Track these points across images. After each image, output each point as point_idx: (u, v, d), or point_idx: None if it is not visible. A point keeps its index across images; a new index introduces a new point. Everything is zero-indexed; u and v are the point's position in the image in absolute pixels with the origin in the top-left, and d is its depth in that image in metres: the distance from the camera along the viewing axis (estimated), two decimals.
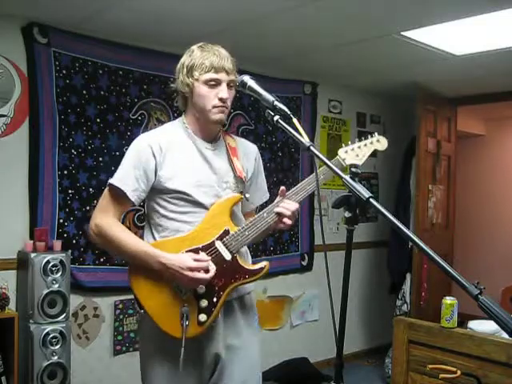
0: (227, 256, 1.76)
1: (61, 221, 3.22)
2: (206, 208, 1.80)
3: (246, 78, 1.70)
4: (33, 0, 2.80)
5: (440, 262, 1.04)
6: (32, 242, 3.03)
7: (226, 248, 1.76)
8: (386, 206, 1.11)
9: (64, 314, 2.91)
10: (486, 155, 6.50)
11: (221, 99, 1.77)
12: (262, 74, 3.76)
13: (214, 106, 1.78)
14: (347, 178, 1.25)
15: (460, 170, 5.38)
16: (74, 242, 3.27)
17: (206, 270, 1.70)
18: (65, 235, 3.23)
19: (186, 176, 1.79)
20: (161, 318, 1.73)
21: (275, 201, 1.82)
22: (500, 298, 5.65)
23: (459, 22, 3.00)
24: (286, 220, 1.78)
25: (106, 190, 1.81)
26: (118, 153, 3.44)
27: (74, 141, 3.27)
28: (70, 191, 3.26)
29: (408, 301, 4.49)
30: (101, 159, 3.37)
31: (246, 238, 1.77)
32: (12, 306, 2.98)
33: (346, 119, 4.87)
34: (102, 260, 3.37)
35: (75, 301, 3.25)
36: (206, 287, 1.73)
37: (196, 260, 1.69)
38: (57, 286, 2.87)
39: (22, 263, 3.00)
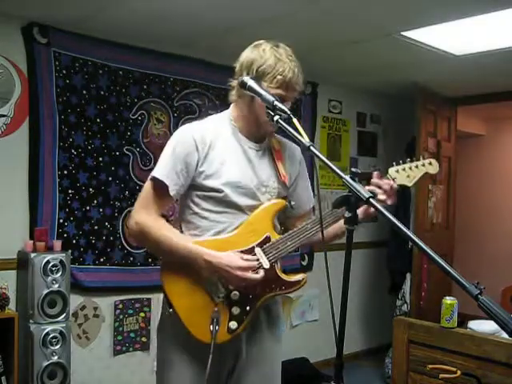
0: (266, 264, 1.68)
1: (61, 221, 3.22)
2: (241, 210, 1.73)
3: (246, 78, 1.67)
4: (33, 0, 2.80)
5: (440, 262, 1.04)
6: (32, 242, 3.03)
7: (266, 256, 1.70)
8: (386, 206, 1.11)
9: (64, 314, 2.91)
10: (486, 155, 6.50)
11: None
12: None
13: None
14: (347, 178, 1.25)
15: (460, 170, 5.38)
16: (74, 241, 3.27)
17: (255, 271, 1.64)
18: (65, 235, 3.23)
19: (226, 175, 1.71)
20: (190, 320, 1.67)
21: (323, 212, 1.69)
22: (500, 298, 5.65)
23: (459, 22, 3.00)
24: (385, 196, 1.69)
25: (148, 184, 1.72)
26: (118, 153, 3.44)
27: (74, 141, 3.27)
28: (70, 191, 3.26)
29: (408, 301, 4.49)
30: (101, 159, 3.38)
31: (286, 248, 1.71)
32: (12, 306, 2.98)
33: (345, 119, 4.87)
34: (101, 260, 3.37)
35: (75, 301, 3.25)
36: (240, 294, 1.68)
37: (245, 260, 1.64)
38: (57, 286, 2.87)
39: (22, 263, 3.00)
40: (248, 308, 1.69)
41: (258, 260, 1.68)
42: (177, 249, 1.65)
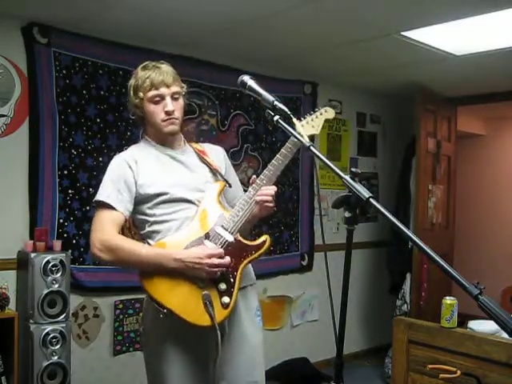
0: (229, 238, 1.82)
1: (61, 221, 3.22)
2: (191, 202, 1.89)
3: (246, 78, 1.70)
4: (33, 0, 2.80)
5: (440, 262, 1.04)
6: (32, 242, 3.03)
7: (226, 231, 1.83)
8: (386, 206, 1.11)
9: (64, 314, 2.90)
10: (486, 155, 6.50)
11: (167, 112, 1.88)
12: (262, 74, 3.76)
13: (163, 120, 1.89)
14: (347, 178, 1.25)
15: (460, 170, 5.38)
16: (74, 241, 3.27)
17: (221, 257, 1.77)
18: (65, 235, 3.23)
19: (165, 178, 1.89)
20: (186, 312, 1.76)
21: (249, 189, 1.87)
22: (500, 298, 5.65)
23: (459, 22, 3.00)
24: (268, 204, 1.85)
25: (96, 210, 1.88)
26: (117, 153, 3.43)
27: (74, 141, 3.27)
28: (69, 191, 3.26)
29: (408, 301, 4.49)
30: (101, 159, 3.37)
31: (241, 218, 1.84)
32: (12, 306, 2.98)
33: (345, 119, 4.87)
34: None
35: (75, 301, 3.25)
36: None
37: (209, 249, 1.78)
38: (57, 286, 2.87)
39: (22, 263, 3.00)
40: (232, 280, 1.81)
41: (219, 238, 1.82)
42: (147, 256, 1.77)
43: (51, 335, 2.83)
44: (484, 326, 2.27)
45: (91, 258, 1.92)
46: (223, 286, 1.80)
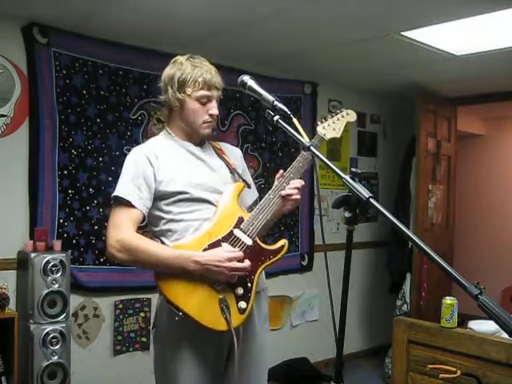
0: (248, 241, 1.79)
1: (61, 221, 3.22)
2: (210, 203, 1.85)
3: (246, 78, 1.71)
4: (33, 0, 2.80)
5: (440, 261, 1.04)
6: (32, 242, 3.03)
7: (245, 234, 1.80)
8: (386, 206, 1.11)
9: (64, 314, 2.91)
10: (486, 155, 6.50)
11: (211, 115, 1.86)
12: (262, 74, 3.76)
13: (205, 122, 1.86)
14: (347, 178, 1.25)
15: (460, 170, 5.38)
16: (74, 242, 3.27)
17: (241, 260, 1.74)
18: (65, 235, 3.23)
19: (185, 176, 1.83)
20: (202, 316, 1.72)
21: (275, 183, 1.85)
22: (500, 298, 5.66)
23: (459, 22, 3.00)
24: (294, 197, 1.82)
25: (113, 206, 1.82)
26: (117, 153, 3.44)
27: (74, 141, 3.27)
28: (70, 191, 3.26)
29: (408, 301, 4.49)
30: (101, 159, 3.37)
31: (260, 222, 1.80)
32: (12, 306, 2.98)
33: None
34: (101, 260, 3.37)
35: (75, 301, 3.25)
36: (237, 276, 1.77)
37: (229, 251, 1.74)
38: (57, 286, 2.87)
39: (22, 263, 3.00)
40: (249, 285, 1.78)
41: (237, 242, 1.78)
42: (165, 257, 1.73)
43: (51, 335, 2.83)
44: (484, 326, 2.27)
45: (107, 256, 1.89)
46: (241, 291, 1.77)
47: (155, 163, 1.82)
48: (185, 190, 1.81)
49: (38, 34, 3.11)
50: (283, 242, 1.84)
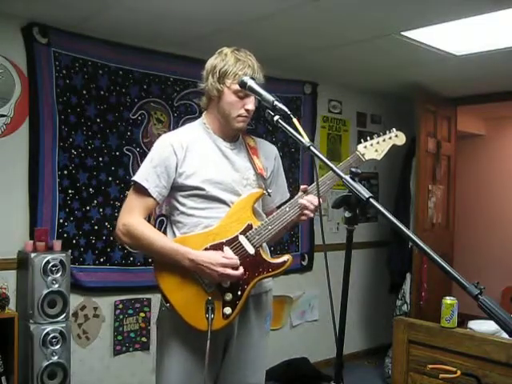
0: (251, 250, 1.79)
1: (61, 221, 3.22)
2: (225, 203, 1.84)
3: (246, 78, 1.73)
4: (33, 0, 2.80)
5: (440, 261, 1.04)
6: (32, 242, 3.03)
7: (249, 242, 1.80)
8: (386, 206, 1.11)
9: (64, 314, 2.91)
10: (486, 155, 6.50)
11: (247, 110, 1.84)
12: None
13: (239, 116, 1.84)
14: (347, 178, 1.25)
15: (460, 170, 5.38)
16: (74, 242, 3.27)
17: (235, 268, 1.74)
18: (65, 235, 3.23)
19: (205, 173, 1.83)
20: (186, 312, 1.77)
21: (296, 196, 1.85)
22: (500, 298, 5.66)
23: (459, 22, 3.00)
24: (307, 212, 1.82)
25: (131, 189, 1.88)
26: (117, 153, 3.44)
27: (74, 141, 3.27)
28: (70, 191, 3.26)
29: (408, 301, 4.49)
30: (101, 159, 3.37)
31: (268, 233, 1.80)
32: (12, 306, 2.98)
33: (345, 119, 4.87)
34: (101, 260, 3.37)
35: (75, 301, 3.25)
36: (230, 282, 1.77)
37: (225, 257, 1.75)
38: (57, 286, 2.87)
39: (22, 263, 3.00)
40: (239, 293, 1.79)
41: (239, 248, 1.78)
42: (164, 249, 1.77)
43: (51, 335, 2.83)
44: (484, 326, 2.27)
45: (114, 237, 1.94)
46: (228, 297, 1.78)
47: (180, 154, 1.83)
48: (202, 186, 1.82)
49: (38, 34, 3.11)
50: (287, 257, 1.82)
